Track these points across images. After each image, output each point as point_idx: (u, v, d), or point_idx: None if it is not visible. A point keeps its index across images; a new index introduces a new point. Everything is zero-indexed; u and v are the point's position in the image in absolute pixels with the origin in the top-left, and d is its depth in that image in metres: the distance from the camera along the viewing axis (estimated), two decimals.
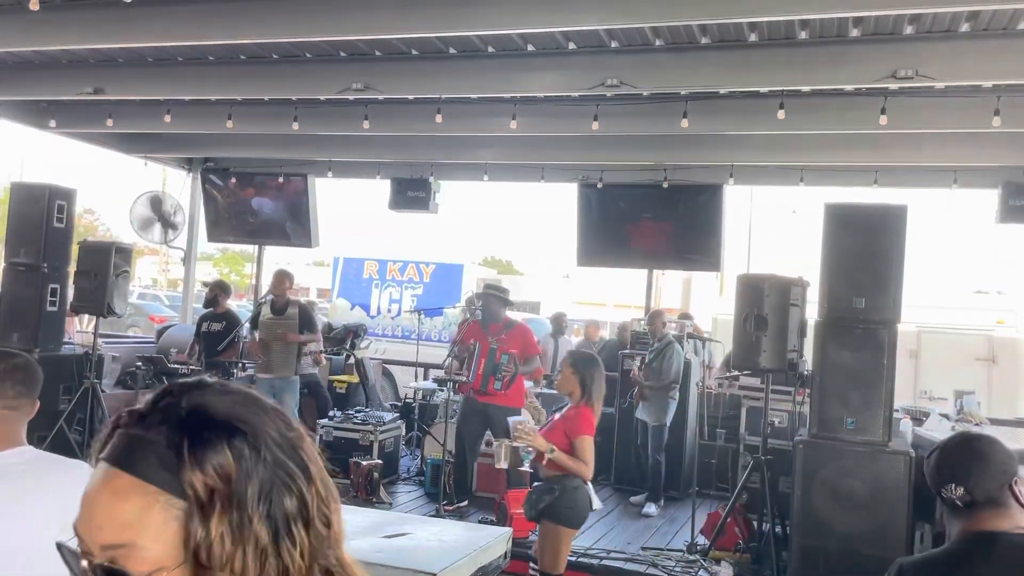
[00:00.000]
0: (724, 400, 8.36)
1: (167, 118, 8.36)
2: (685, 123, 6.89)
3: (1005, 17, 5.45)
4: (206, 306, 8.94)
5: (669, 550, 6.28)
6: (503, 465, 4.55)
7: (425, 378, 9.97)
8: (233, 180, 10.92)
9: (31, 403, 2.19)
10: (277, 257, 16.43)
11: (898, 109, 6.50)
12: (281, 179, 10.52)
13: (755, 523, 6.21)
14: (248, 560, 0.77)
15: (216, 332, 8.45)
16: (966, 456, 1.99)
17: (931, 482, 2.04)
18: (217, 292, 8.78)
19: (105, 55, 7.58)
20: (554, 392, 9.88)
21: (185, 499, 0.78)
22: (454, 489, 7.00)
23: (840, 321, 5.64)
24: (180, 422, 0.80)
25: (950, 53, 5.77)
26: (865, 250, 5.62)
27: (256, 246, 11.84)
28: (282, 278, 7.84)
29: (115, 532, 0.77)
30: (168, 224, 10.88)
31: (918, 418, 6.88)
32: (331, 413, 8.11)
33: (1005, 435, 5.11)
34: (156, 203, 10.82)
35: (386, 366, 11.29)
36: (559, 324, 10.93)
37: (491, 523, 5.94)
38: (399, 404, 9.79)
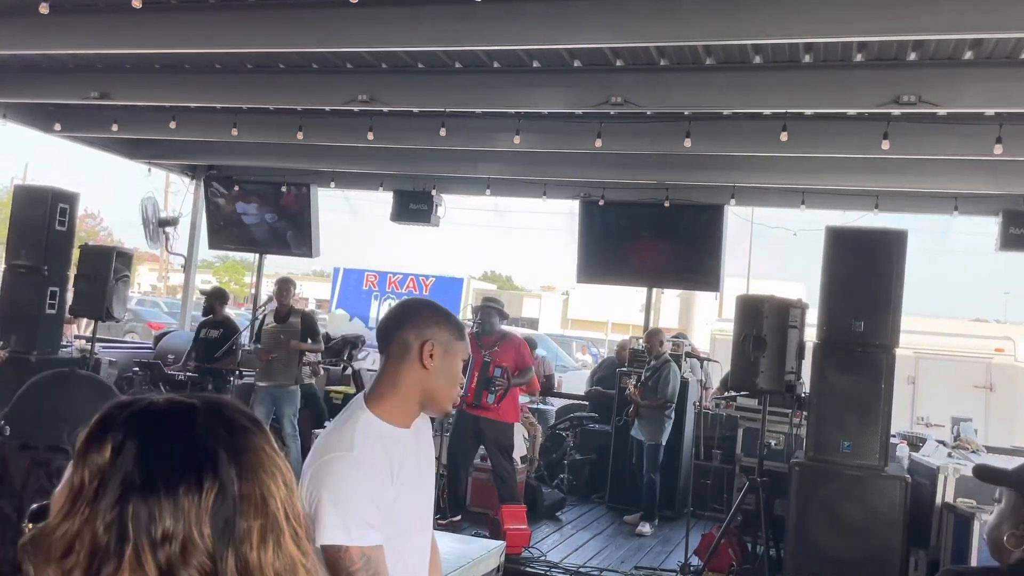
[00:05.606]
0: (721, 420, 8.35)
1: (172, 125, 8.38)
2: (688, 143, 6.92)
3: (1008, 46, 5.49)
4: (204, 315, 8.93)
5: (662, 570, 6.26)
6: None
7: None
8: (236, 188, 10.95)
9: None
10: (277, 267, 16.47)
11: (900, 134, 6.52)
12: (284, 188, 10.55)
13: (749, 545, 6.19)
14: (80, 555, 0.79)
15: (214, 339, 8.42)
16: None
17: None
18: (214, 301, 8.75)
19: (112, 60, 7.60)
20: (549, 407, 9.91)
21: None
22: (447, 503, 6.98)
23: (838, 344, 5.64)
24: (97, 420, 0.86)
25: (953, 80, 5.79)
26: (865, 274, 5.63)
27: (256, 255, 11.84)
28: (286, 285, 7.83)
29: None
30: (163, 223, 10.92)
31: (915, 444, 6.86)
32: (326, 423, 8.07)
33: (1003, 463, 5.10)
34: (154, 207, 10.89)
35: None
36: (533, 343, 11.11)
37: (484, 537, 5.91)
38: None
